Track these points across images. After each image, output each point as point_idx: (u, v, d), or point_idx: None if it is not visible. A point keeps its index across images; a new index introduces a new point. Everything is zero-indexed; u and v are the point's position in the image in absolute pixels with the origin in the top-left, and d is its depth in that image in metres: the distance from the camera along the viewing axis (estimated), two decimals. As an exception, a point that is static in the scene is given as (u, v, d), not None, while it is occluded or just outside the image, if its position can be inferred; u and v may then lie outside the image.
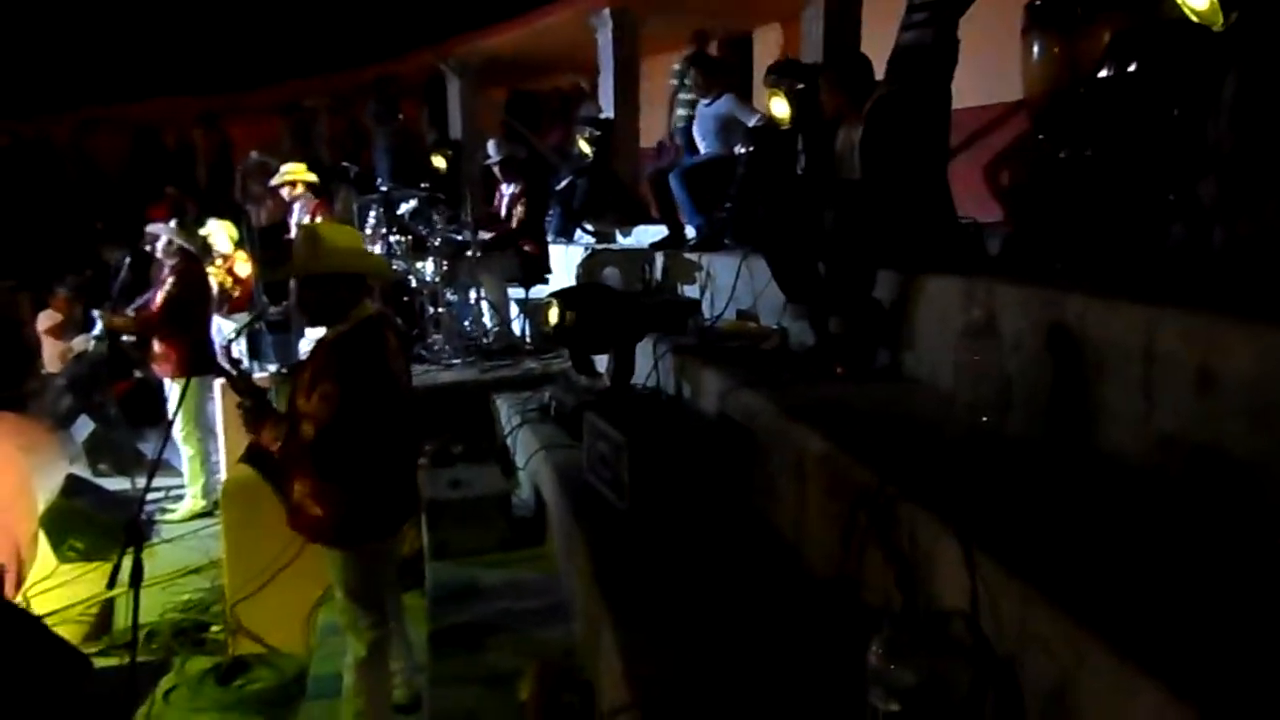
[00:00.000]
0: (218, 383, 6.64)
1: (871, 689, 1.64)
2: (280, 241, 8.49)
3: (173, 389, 6.93)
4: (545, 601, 3.45)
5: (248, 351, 7.60)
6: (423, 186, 7.61)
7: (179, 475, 7.19)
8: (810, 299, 3.62)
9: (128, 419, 8.44)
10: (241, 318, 7.98)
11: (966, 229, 3.75)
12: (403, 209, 7.20)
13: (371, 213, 7.30)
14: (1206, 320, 1.99)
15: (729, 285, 4.59)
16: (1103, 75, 2.69)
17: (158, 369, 7.03)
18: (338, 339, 3.38)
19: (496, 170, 7.57)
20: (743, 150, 5.50)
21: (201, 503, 7.02)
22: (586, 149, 7.63)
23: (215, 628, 5.28)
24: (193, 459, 7.02)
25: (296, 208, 8.43)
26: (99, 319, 7.47)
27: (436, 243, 6.67)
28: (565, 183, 7.83)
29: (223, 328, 7.86)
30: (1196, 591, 1.54)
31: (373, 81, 11.67)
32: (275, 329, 7.60)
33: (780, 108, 4.70)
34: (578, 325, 3.99)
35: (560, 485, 3.53)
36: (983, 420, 2.38)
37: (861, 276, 3.38)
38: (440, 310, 6.68)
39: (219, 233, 8.04)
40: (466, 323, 6.77)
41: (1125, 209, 2.58)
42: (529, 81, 12.18)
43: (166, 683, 4.75)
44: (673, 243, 6.14)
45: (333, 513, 3.38)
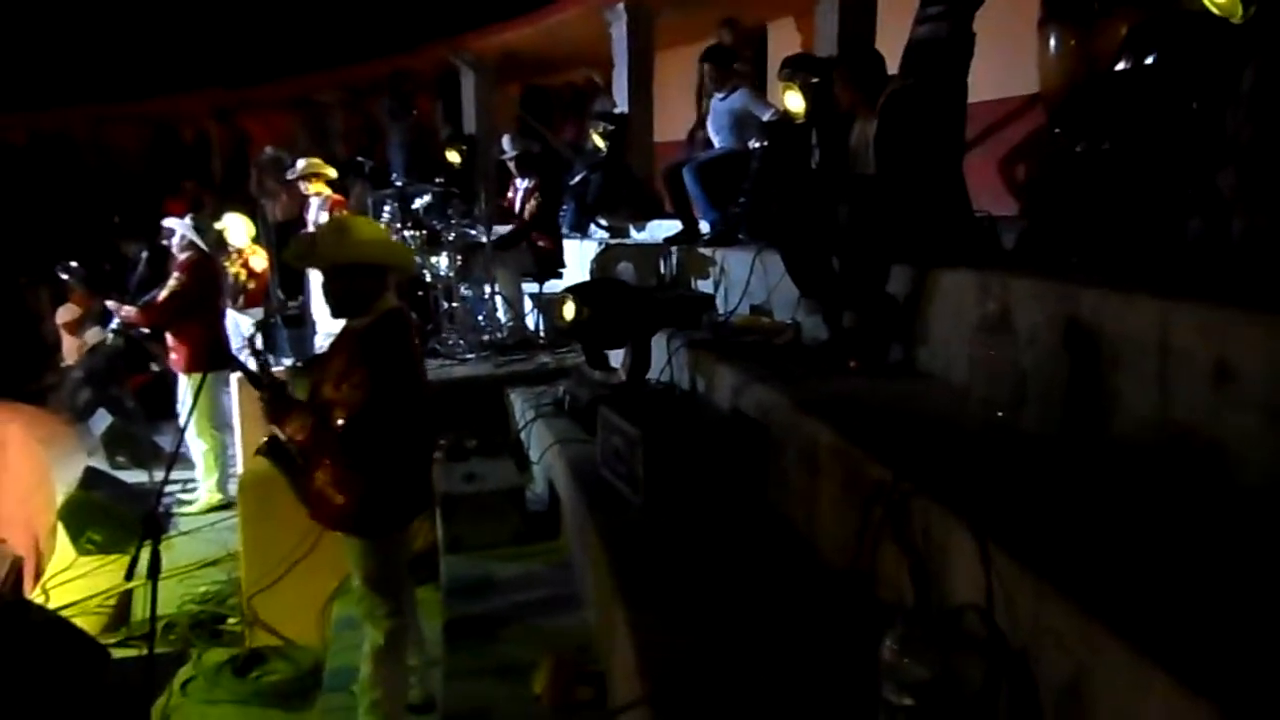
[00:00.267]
0: (234, 377, 6.67)
1: (885, 683, 1.65)
2: (295, 236, 8.54)
3: (185, 383, 6.98)
4: (559, 595, 3.47)
5: (263, 346, 7.65)
6: (437, 181, 7.62)
7: (195, 468, 7.23)
8: (824, 294, 3.62)
9: (145, 412, 8.50)
10: (256, 312, 8.02)
11: (981, 223, 3.73)
12: (417, 204, 7.22)
13: (386, 207, 7.32)
14: (1223, 314, 1.98)
15: (743, 280, 4.58)
16: (1120, 68, 2.68)
17: (172, 363, 7.08)
18: (366, 330, 3.43)
19: (511, 165, 7.58)
20: (757, 145, 5.49)
21: (218, 496, 7.06)
22: (600, 144, 7.63)
23: (232, 620, 5.32)
24: (206, 453, 7.06)
25: (314, 203, 8.45)
26: (113, 311, 7.52)
27: (451, 237, 6.68)
28: (579, 177, 7.83)
29: (239, 323, 7.89)
30: (1211, 586, 1.53)
31: (387, 76, 11.69)
32: (290, 323, 7.64)
33: (795, 102, 4.69)
34: (592, 320, 3.99)
35: (574, 479, 3.54)
36: (997, 415, 2.38)
37: (876, 271, 3.37)
38: (454, 305, 6.70)
39: (235, 226, 8.05)
40: (481, 317, 6.79)
41: (1143, 202, 2.57)
42: (543, 76, 12.17)
43: (184, 674, 4.80)
44: (687, 237, 6.13)
45: (355, 501, 3.42)
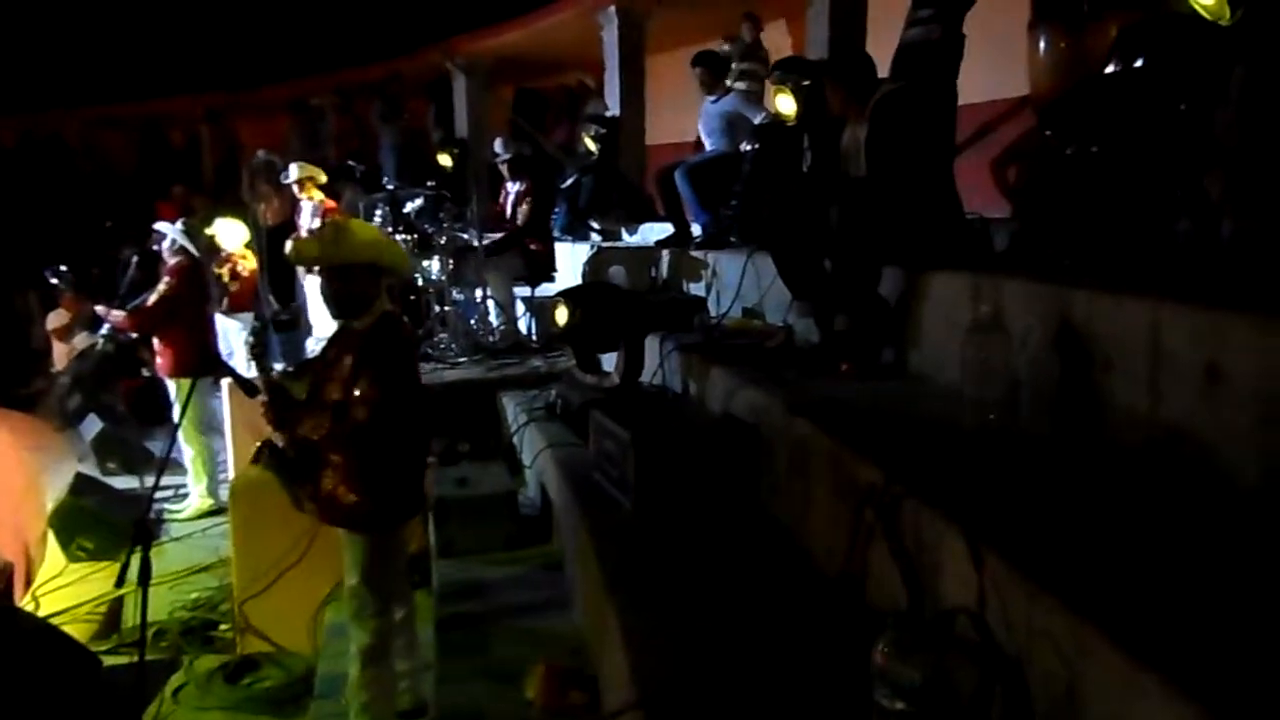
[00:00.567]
0: (224, 382, 6.64)
1: (877, 687, 1.64)
2: (295, 239, 8.51)
3: (173, 388, 6.95)
4: (551, 599, 3.45)
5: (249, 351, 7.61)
6: (429, 185, 7.61)
7: (186, 474, 7.20)
8: (816, 296, 3.62)
9: (136, 418, 8.46)
10: (245, 317, 8.01)
11: (972, 225, 3.74)
12: (409, 207, 7.21)
13: (378, 211, 7.31)
14: (1213, 316, 1.98)
15: (735, 283, 4.58)
16: (1109, 70, 2.68)
17: (158, 368, 7.04)
18: (372, 328, 3.53)
19: (504, 168, 7.57)
20: (748, 148, 5.49)
21: (209, 501, 7.03)
22: (592, 147, 7.62)
23: (223, 626, 5.29)
24: (194, 459, 7.03)
25: (305, 208, 8.42)
26: (102, 316, 7.50)
27: (442, 241, 6.67)
28: (571, 181, 7.83)
29: (228, 328, 7.86)
30: (1205, 589, 1.53)
31: (379, 80, 11.69)
32: (282, 328, 7.61)
33: (786, 104, 4.69)
34: (583, 323, 3.99)
35: (566, 483, 3.53)
36: (989, 417, 2.37)
37: (867, 274, 3.37)
38: (446, 309, 6.69)
39: (227, 231, 8.03)
40: (473, 321, 6.78)
41: (1132, 204, 2.57)
42: (535, 79, 12.17)
43: (175, 681, 4.77)
44: (679, 241, 6.13)
45: (369, 498, 3.50)
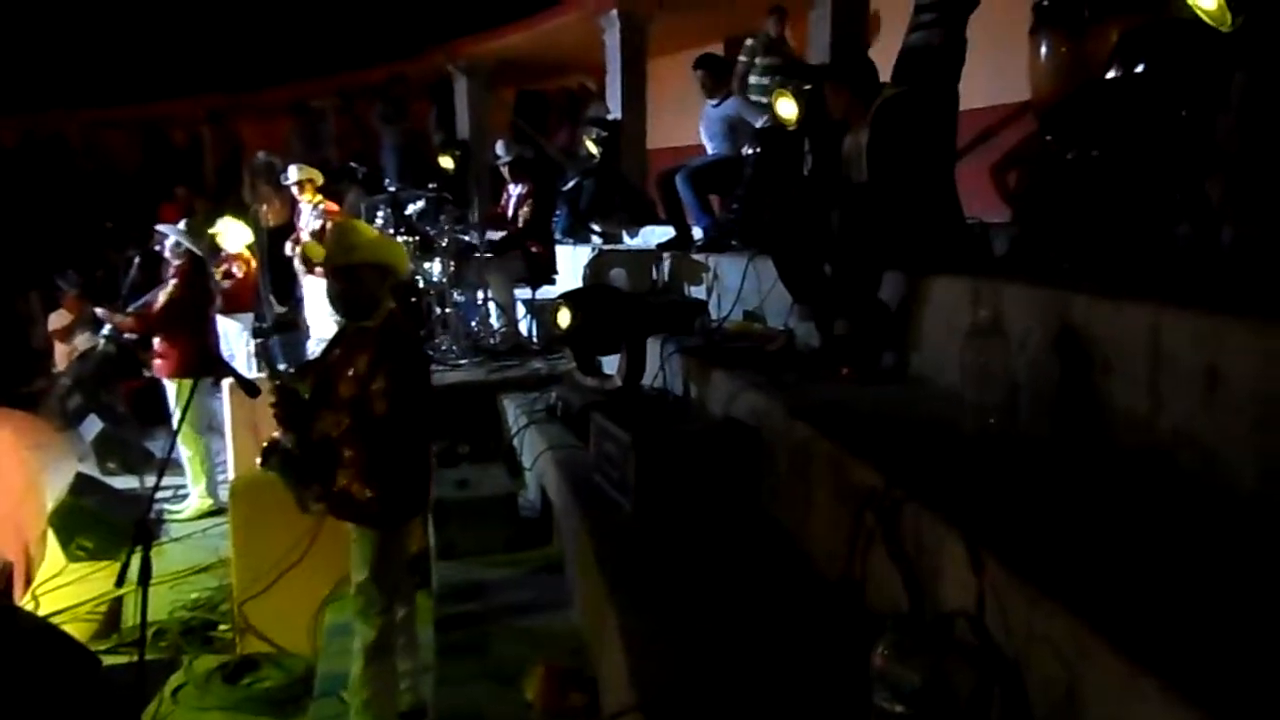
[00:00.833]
0: (225, 383, 6.65)
1: (877, 690, 1.64)
2: (285, 241, 8.54)
3: (172, 389, 6.95)
4: (551, 601, 3.45)
5: (256, 352, 7.64)
6: (430, 187, 7.62)
7: (185, 474, 7.21)
8: (817, 300, 3.62)
9: (137, 418, 8.47)
10: (245, 318, 8.05)
11: (973, 229, 3.74)
12: (410, 209, 7.22)
13: (379, 213, 7.32)
14: (1214, 320, 1.98)
15: (736, 286, 4.58)
16: (1111, 75, 2.69)
17: (158, 369, 7.05)
18: (382, 327, 3.61)
19: (505, 171, 7.58)
20: (750, 151, 5.49)
21: (209, 501, 7.04)
22: (594, 150, 7.63)
23: (223, 626, 5.30)
24: (192, 459, 7.04)
25: (305, 209, 8.43)
26: (103, 318, 7.51)
27: (444, 243, 6.68)
28: (572, 183, 7.84)
29: (227, 330, 7.88)
30: (1205, 593, 1.53)
31: (381, 82, 11.69)
32: (281, 329, 7.63)
33: (787, 108, 4.70)
34: (585, 326, 4.00)
35: (567, 486, 3.53)
36: (989, 421, 2.38)
37: (868, 278, 3.38)
38: (447, 311, 6.69)
39: (231, 232, 8.07)
40: (473, 323, 6.78)
41: (1133, 209, 2.57)
42: (537, 82, 12.17)
43: (175, 681, 4.77)
44: (680, 244, 6.13)
45: (381, 493, 3.55)
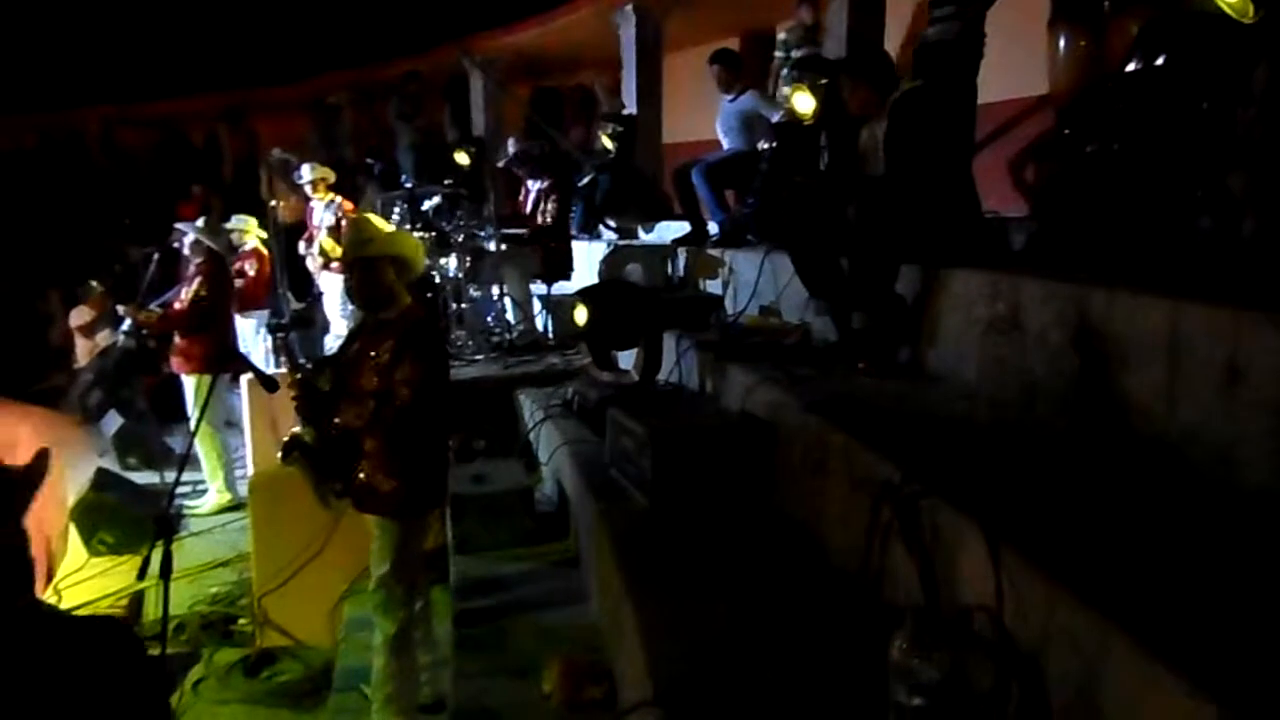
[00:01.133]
0: (244, 379, 6.69)
1: (894, 684, 1.65)
2: (299, 239, 8.61)
3: (191, 384, 6.99)
4: (568, 595, 3.46)
5: (272, 348, 7.69)
6: (446, 183, 7.63)
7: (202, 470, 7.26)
8: (833, 294, 3.62)
9: (156, 414, 8.53)
10: (259, 316, 8.12)
11: (990, 224, 3.73)
12: (426, 205, 7.23)
13: (396, 209, 7.33)
14: (1233, 314, 1.97)
15: (752, 281, 4.58)
16: (1131, 68, 2.67)
17: (176, 365, 7.09)
18: (402, 316, 3.68)
19: (519, 171, 7.60)
20: (766, 146, 5.48)
21: (227, 496, 7.09)
22: (609, 145, 7.63)
23: (243, 620, 5.34)
24: (207, 455, 7.08)
25: (318, 207, 8.48)
26: (125, 315, 7.56)
27: (460, 239, 6.69)
28: (587, 179, 7.84)
29: (242, 328, 7.95)
30: (1223, 586, 1.53)
31: (396, 79, 11.72)
32: (298, 325, 7.66)
33: (804, 102, 4.69)
34: (601, 322, 4.00)
35: (583, 480, 3.54)
36: (1006, 415, 2.37)
37: (885, 272, 3.37)
38: (463, 306, 6.71)
39: (241, 229, 8.18)
40: (490, 319, 6.80)
41: (1153, 202, 2.56)
42: (552, 78, 12.18)
43: (195, 674, 4.82)
44: (696, 239, 6.13)
45: (405, 484, 3.64)
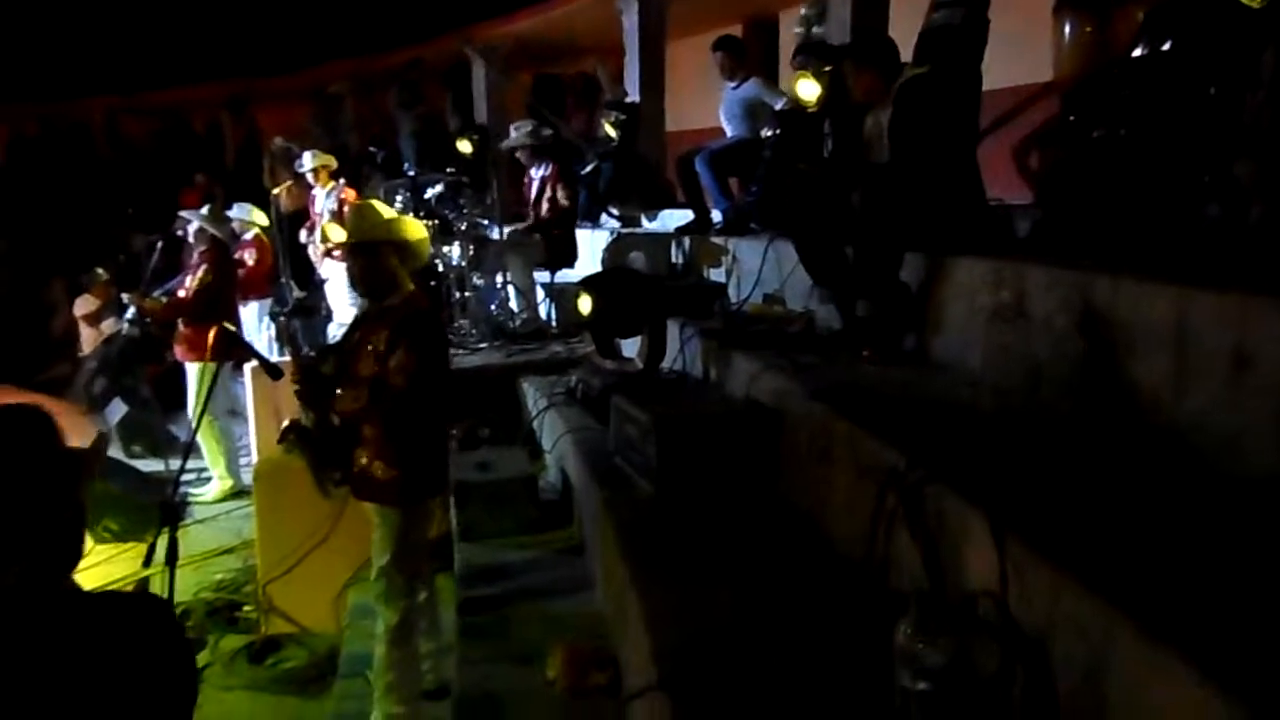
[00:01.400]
0: (248, 366, 6.70)
1: (899, 669, 1.65)
2: (301, 227, 8.62)
3: (194, 372, 7.00)
4: (572, 582, 3.47)
5: (276, 336, 7.70)
6: (449, 171, 7.62)
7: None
8: (837, 282, 3.61)
9: (160, 402, 8.55)
10: (261, 304, 8.13)
11: (995, 211, 3.72)
12: (429, 194, 7.23)
13: (398, 197, 7.33)
14: (1241, 301, 1.97)
15: (755, 269, 4.57)
16: (1137, 53, 2.66)
17: (180, 353, 7.10)
18: (404, 304, 3.70)
19: (521, 156, 7.58)
20: (769, 134, 5.46)
21: (229, 483, 7.11)
22: (612, 133, 7.61)
23: (247, 607, 5.36)
24: (208, 442, 7.08)
25: (319, 195, 8.48)
26: (129, 303, 7.58)
27: (463, 227, 6.69)
28: (590, 167, 7.82)
29: (244, 317, 7.96)
30: (1229, 574, 1.53)
31: (399, 66, 11.69)
32: (301, 313, 7.67)
33: (808, 89, 4.67)
34: (604, 310, 4.00)
35: (587, 468, 3.55)
36: (1011, 402, 2.37)
37: (889, 260, 3.36)
38: (467, 295, 6.71)
39: (242, 217, 8.19)
40: (493, 307, 6.80)
41: (1160, 189, 2.55)
42: (554, 65, 12.13)
43: (200, 661, 4.84)
44: (699, 227, 6.11)
45: (401, 471, 3.64)
